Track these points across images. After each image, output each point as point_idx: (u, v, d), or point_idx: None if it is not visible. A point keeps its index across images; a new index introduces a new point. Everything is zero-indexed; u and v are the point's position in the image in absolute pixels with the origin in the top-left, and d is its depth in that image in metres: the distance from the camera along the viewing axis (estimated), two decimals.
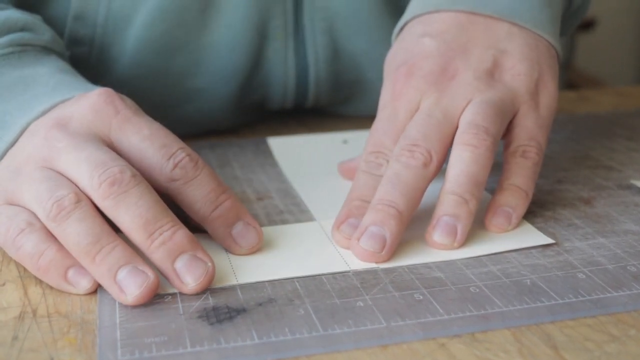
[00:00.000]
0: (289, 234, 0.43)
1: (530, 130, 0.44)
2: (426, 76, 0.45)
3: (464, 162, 0.41)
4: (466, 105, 0.43)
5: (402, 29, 0.50)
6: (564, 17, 0.54)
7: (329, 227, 0.43)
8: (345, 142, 0.59)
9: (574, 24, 0.60)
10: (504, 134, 0.45)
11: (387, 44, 0.53)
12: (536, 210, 0.46)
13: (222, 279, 0.38)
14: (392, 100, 0.45)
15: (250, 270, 0.39)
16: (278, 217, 0.46)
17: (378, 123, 0.45)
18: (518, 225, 0.43)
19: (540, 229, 0.43)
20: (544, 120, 0.45)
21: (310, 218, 0.46)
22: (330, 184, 0.50)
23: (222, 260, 0.39)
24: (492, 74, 0.45)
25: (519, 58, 0.46)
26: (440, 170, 0.42)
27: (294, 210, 0.47)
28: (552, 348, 0.32)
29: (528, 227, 0.43)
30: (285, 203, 0.48)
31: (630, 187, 0.50)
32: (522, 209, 0.43)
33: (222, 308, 0.35)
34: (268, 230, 0.43)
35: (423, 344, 0.33)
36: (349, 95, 0.66)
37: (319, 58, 0.61)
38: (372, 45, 0.61)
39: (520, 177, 0.43)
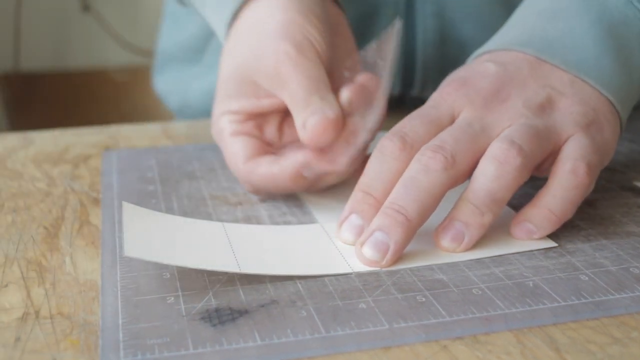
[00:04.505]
0: (291, 234, 0.43)
1: (583, 149, 0.41)
2: (478, 91, 0.44)
3: (486, 176, 0.40)
4: (508, 127, 0.42)
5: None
6: None
7: (332, 229, 0.43)
8: None
9: None
10: (550, 161, 0.43)
11: (494, 33, 0.52)
12: None
13: (224, 266, 0.38)
14: (437, 97, 0.45)
15: (252, 262, 0.39)
16: (281, 219, 0.46)
17: (415, 111, 0.44)
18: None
19: None
20: (598, 147, 0.42)
21: (312, 220, 0.46)
22: (333, 186, 0.50)
23: (226, 252, 0.39)
24: (543, 108, 0.43)
25: (575, 101, 0.44)
26: (464, 180, 0.41)
27: (297, 212, 0.47)
28: (555, 350, 0.32)
29: None
30: (288, 205, 0.48)
31: (633, 189, 0.50)
32: (547, 231, 0.41)
33: (225, 309, 0.35)
34: (270, 229, 0.43)
35: (425, 346, 0.33)
36: None
37: (427, 41, 0.63)
38: (480, 32, 0.62)
39: (560, 200, 0.41)
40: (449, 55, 0.64)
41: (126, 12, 1.93)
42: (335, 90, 0.46)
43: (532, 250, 0.41)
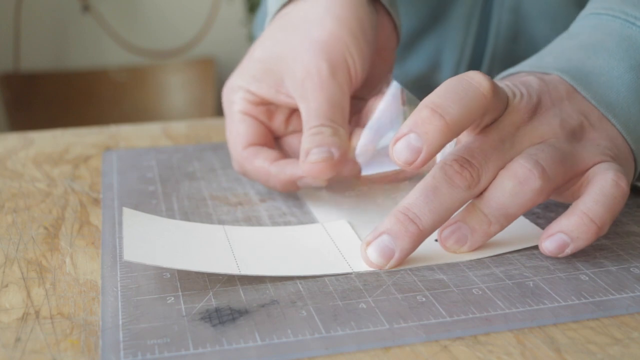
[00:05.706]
0: (291, 235, 0.43)
1: (616, 171, 0.40)
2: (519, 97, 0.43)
3: (502, 191, 0.39)
4: (537, 144, 0.41)
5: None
6: None
7: (332, 229, 0.43)
8: None
9: None
10: (570, 186, 0.41)
11: None
12: (539, 212, 0.46)
13: (224, 268, 0.38)
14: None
15: (252, 263, 0.39)
16: (281, 219, 0.46)
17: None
18: (528, 229, 0.43)
19: None
20: (626, 176, 0.40)
21: (312, 220, 0.46)
22: (333, 186, 0.50)
23: (226, 254, 0.39)
24: (574, 133, 0.42)
25: (603, 136, 0.43)
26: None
27: (297, 213, 0.47)
28: (555, 351, 0.32)
29: (531, 226, 0.43)
30: (288, 205, 0.48)
31: (633, 189, 0.50)
32: (582, 242, 0.39)
33: (225, 309, 0.35)
34: (270, 230, 0.43)
35: (425, 346, 0.33)
36: None
37: (499, 35, 0.63)
38: (553, 32, 0.61)
39: (602, 208, 0.38)
40: (518, 52, 0.63)
41: (126, 12, 1.93)
42: (357, 110, 0.48)
43: (532, 249, 0.41)
